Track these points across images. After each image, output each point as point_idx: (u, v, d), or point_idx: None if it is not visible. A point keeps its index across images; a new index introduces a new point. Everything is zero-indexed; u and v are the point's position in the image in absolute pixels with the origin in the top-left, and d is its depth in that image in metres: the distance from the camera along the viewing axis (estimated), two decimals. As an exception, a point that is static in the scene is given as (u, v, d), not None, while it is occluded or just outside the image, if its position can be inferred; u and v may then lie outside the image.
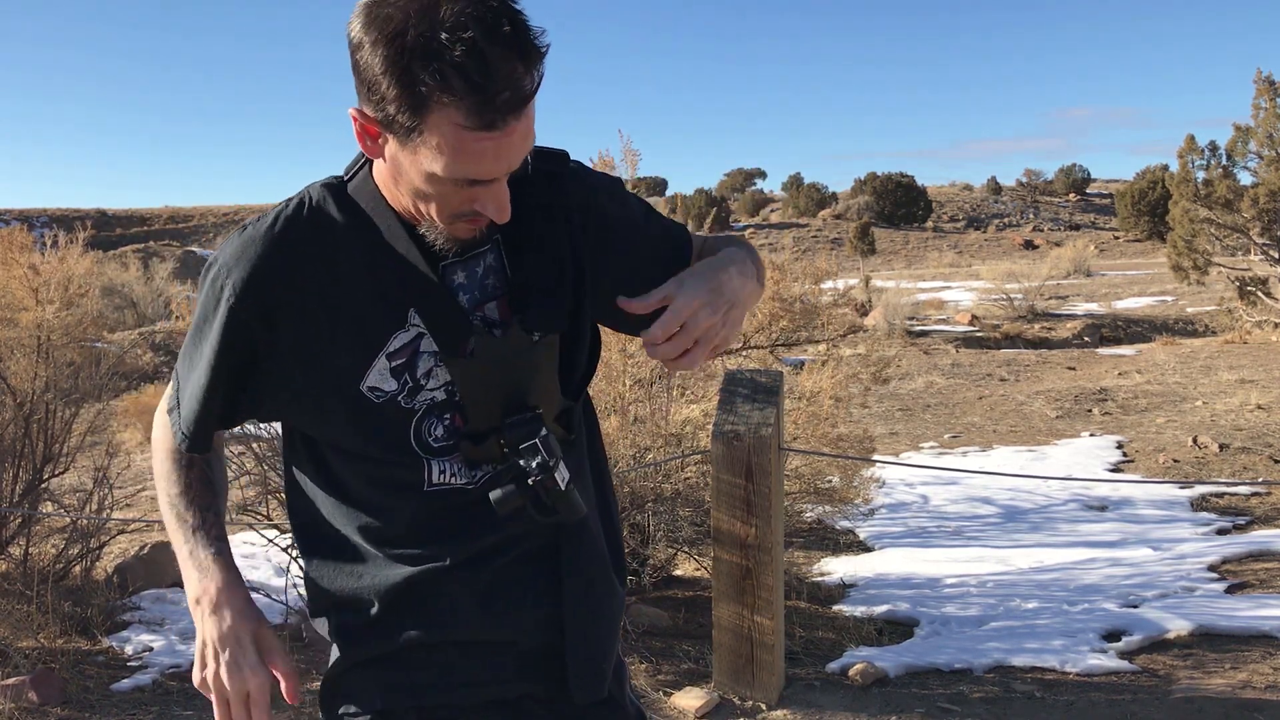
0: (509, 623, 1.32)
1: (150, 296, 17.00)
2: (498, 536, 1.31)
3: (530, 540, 1.33)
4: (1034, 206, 47.91)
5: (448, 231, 1.23)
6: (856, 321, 6.05)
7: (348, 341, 1.25)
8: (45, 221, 34.73)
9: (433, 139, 1.13)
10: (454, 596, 1.31)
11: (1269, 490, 5.99)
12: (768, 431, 3.39)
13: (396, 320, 1.25)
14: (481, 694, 1.34)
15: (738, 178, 54.51)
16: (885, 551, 5.31)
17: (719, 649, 3.55)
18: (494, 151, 1.14)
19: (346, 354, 1.25)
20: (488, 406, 1.26)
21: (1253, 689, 3.50)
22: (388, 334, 1.25)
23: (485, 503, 1.26)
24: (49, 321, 4.72)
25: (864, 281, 16.90)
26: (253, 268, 1.23)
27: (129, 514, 5.19)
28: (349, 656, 1.35)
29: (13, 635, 4.07)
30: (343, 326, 1.25)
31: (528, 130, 1.17)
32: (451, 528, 1.30)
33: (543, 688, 1.36)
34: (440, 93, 1.10)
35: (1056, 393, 9.44)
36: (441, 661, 1.33)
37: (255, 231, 1.26)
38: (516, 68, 1.11)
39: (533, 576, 1.33)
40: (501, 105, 1.11)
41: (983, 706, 3.47)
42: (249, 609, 1.32)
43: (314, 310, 1.24)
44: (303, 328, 1.25)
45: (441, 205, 1.20)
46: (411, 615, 1.31)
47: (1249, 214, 12.89)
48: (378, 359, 1.25)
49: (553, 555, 1.34)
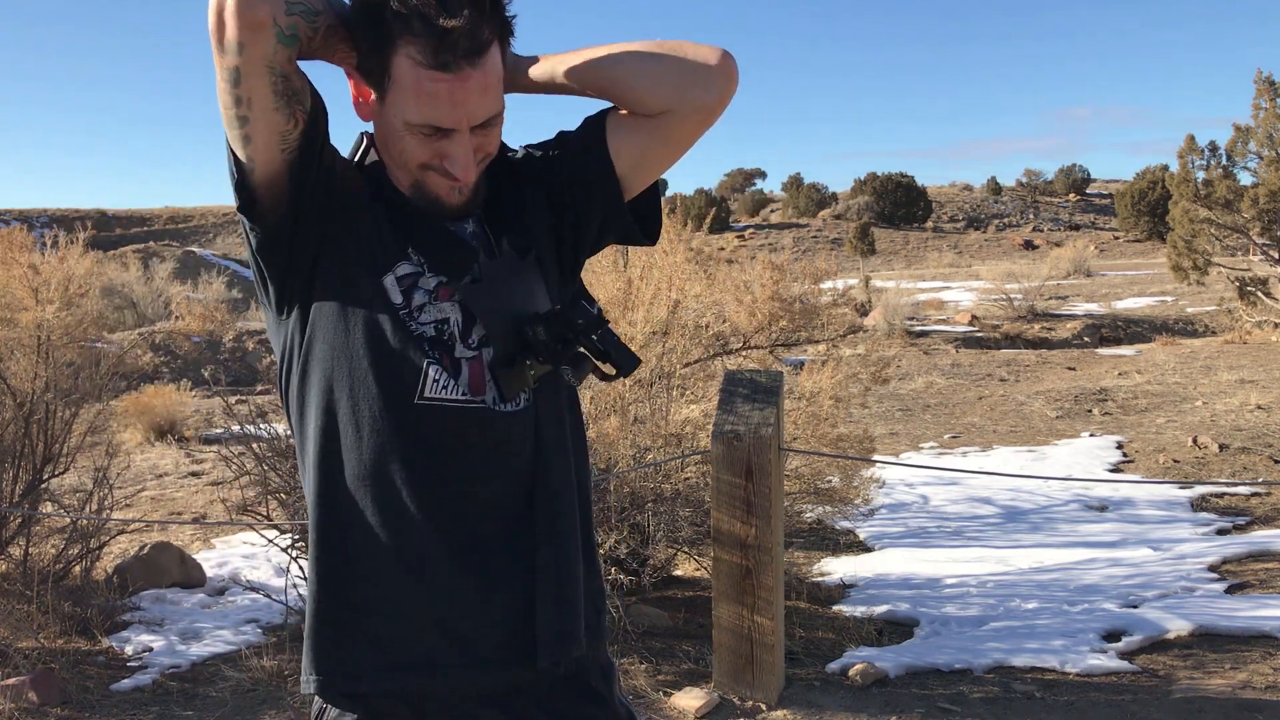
0: (486, 600, 1.35)
1: (150, 296, 16.99)
2: (481, 489, 1.35)
3: (507, 509, 1.36)
4: (1034, 207, 47.90)
5: (424, 183, 1.34)
6: (856, 322, 6.05)
7: (368, 252, 1.36)
8: (45, 221, 34.74)
9: (397, 81, 1.26)
10: (431, 558, 1.34)
11: (1269, 490, 5.99)
12: (768, 431, 3.39)
13: (400, 252, 1.36)
14: (458, 677, 1.35)
15: (738, 178, 54.50)
16: (885, 552, 5.30)
17: (719, 649, 3.55)
18: (449, 95, 1.25)
19: (369, 256, 1.36)
20: (504, 324, 1.36)
21: (1253, 689, 3.50)
22: (394, 260, 1.36)
23: (478, 436, 1.34)
24: (49, 321, 4.72)
25: (864, 282, 16.90)
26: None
27: (129, 514, 5.19)
28: (323, 606, 1.38)
29: (13, 635, 4.07)
30: (365, 239, 1.36)
31: (487, 85, 1.27)
32: (438, 464, 1.34)
33: (525, 677, 1.37)
34: (400, 32, 1.23)
35: (1056, 393, 9.43)
36: (420, 640, 1.34)
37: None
38: (474, 17, 1.24)
39: (510, 550, 1.36)
40: (457, 47, 1.23)
41: (983, 706, 3.47)
42: None
43: (351, 210, 1.36)
44: (345, 216, 1.36)
45: (413, 158, 1.32)
46: (390, 582, 1.34)
47: (1249, 214, 12.89)
48: (386, 275, 1.35)
49: (529, 529, 1.37)
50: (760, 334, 4.94)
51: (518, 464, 1.37)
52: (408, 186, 1.35)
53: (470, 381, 1.34)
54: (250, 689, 3.73)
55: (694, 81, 1.38)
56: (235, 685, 3.76)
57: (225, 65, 1.22)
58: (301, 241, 1.32)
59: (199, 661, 4.00)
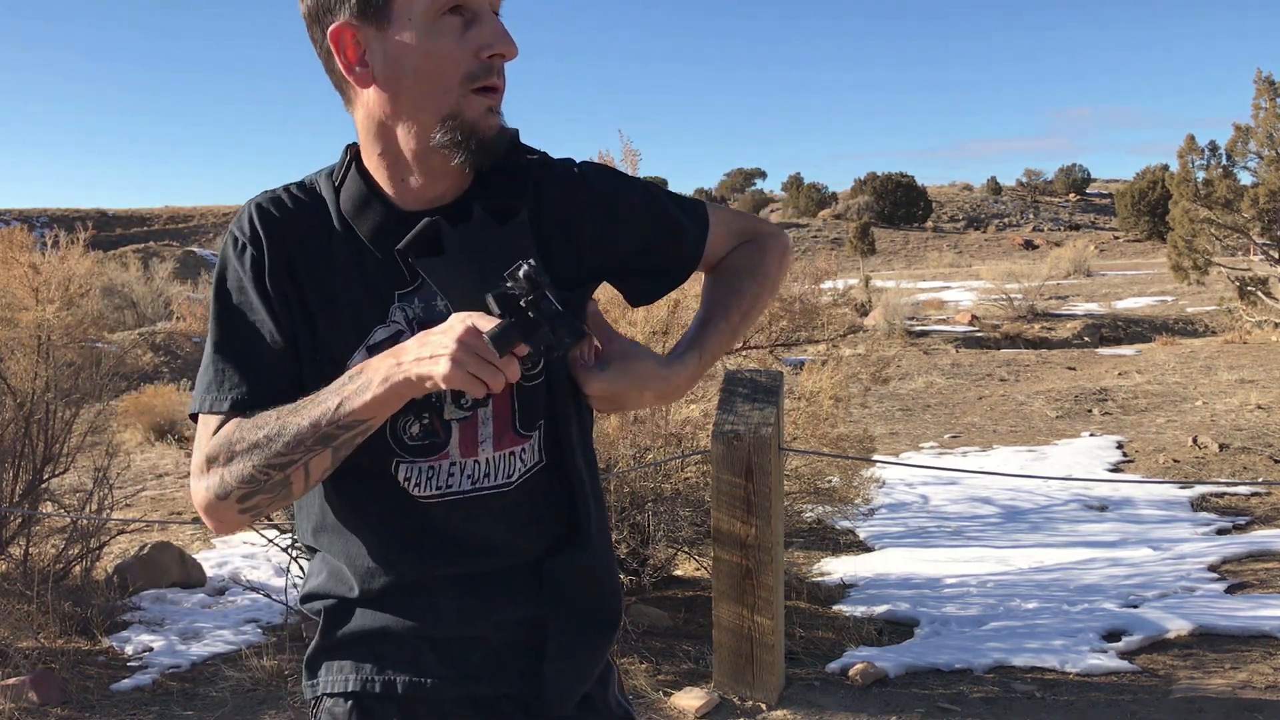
0: (484, 619, 1.31)
1: (150, 296, 17.00)
2: (487, 556, 1.31)
3: (520, 555, 1.32)
4: (1034, 206, 47.92)
5: (467, 118, 1.21)
6: (856, 321, 6.05)
7: (338, 327, 1.26)
8: (45, 221, 34.72)
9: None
10: (437, 596, 1.31)
11: (1269, 490, 5.99)
12: (768, 431, 3.39)
13: (379, 315, 1.25)
14: (452, 689, 1.33)
15: (738, 178, 54.54)
16: (885, 551, 5.31)
17: (719, 649, 3.55)
18: None
19: (336, 339, 1.26)
20: (474, 301, 1.16)
21: (1253, 689, 3.50)
22: (370, 326, 1.25)
23: (474, 519, 1.28)
24: (49, 321, 4.72)
25: (864, 281, 16.91)
26: (269, 227, 1.26)
27: (129, 514, 5.19)
28: (328, 635, 1.35)
29: (13, 635, 4.07)
30: (336, 311, 1.26)
31: None
32: (440, 543, 1.29)
33: (515, 686, 1.34)
34: None
35: (1056, 393, 9.44)
36: (412, 652, 1.32)
37: (264, 198, 1.28)
38: None
39: (514, 578, 1.32)
40: None
41: (983, 706, 3.47)
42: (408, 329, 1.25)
43: (316, 284, 1.26)
44: (310, 297, 1.26)
45: (451, 69, 1.19)
46: (392, 605, 1.31)
47: (1249, 214, 12.90)
48: (358, 350, 1.25)
49: (536, 564, 1.33)
50: (760, 334, 4.94)
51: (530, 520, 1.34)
52: (448, 134, 1.21)
53: (461, 443, 1.27)
54: (250, 689, 3.73)
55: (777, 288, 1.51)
56: (235, 685, 3.76)
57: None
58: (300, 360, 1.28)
59: (199, 661, 4.00)
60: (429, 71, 1.19)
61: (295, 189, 1.30)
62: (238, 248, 1.26)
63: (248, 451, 1.19)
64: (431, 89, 1.20)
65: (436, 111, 1.21)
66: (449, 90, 1.20)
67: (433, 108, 1.21)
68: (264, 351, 1.24)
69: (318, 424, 1.16)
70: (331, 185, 1.29)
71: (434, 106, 1.21)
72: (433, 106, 1.21)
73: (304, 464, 1.19)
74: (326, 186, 1.29)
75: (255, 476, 1.19)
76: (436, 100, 1.20)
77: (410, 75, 1.20)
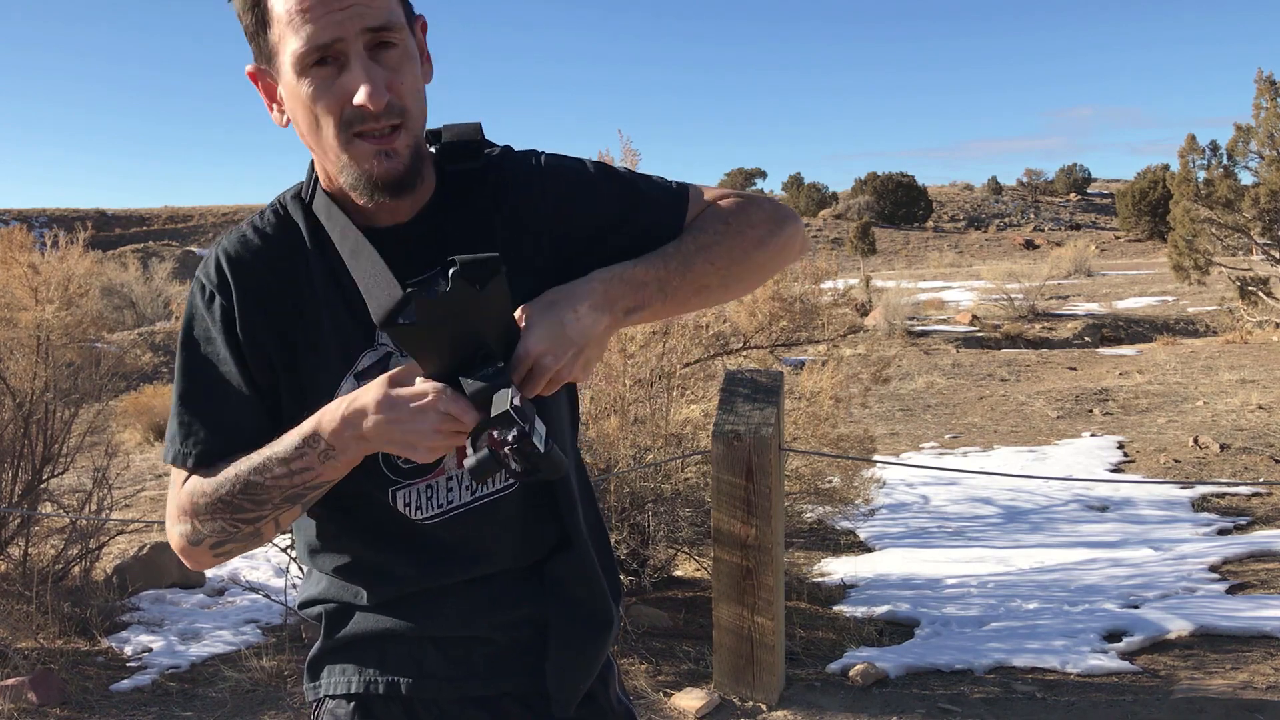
0: (486, 620, 1.33)
1: (150, 296, 17.02)
2: (487, 567, 1.31)
3: (521, 557, 1.33)
4: (1034, 206, 47.92)
5: (355, 161, 1.17)
6: (856, 321, 6.05)
7: (324, 357, 1.24)
8: (45, 221, 34.73)
9: (277, 34, 1.15)
10: (439, 600, 1.32)
11: (1270, 490, 5.98)
12: (768, 431, 3.39)
13: (365, 338, 1.24)
14: (455, 689, 1.34)
15: (738, 178, 54.52)
16: (886, 552, 5.30)
17: (719, 649, 3.54)
18: (321, 5, 1.13)
19: (323, 370, 1.24)
20: (442, 367, 1.12)
21: (1253, 689, 3.50)
22: (357, 352, 1.24)
23: (478, 529, 1.28)
24: (49, 321, 4.71)
25: (864, 281, 16.90)
26: (239, 272, 1.24)
27: (128, 514, 5.18)
28: (330, 638, 1.36)
29: (12, 636, 4.07)
30: (320, 340, 1.24)
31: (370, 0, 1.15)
32: (441, 558, 1.30)
33: (517, 684, 1.35)
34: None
35: (1057, 393, 9.43)
36: (415, 653, 1.33)
37: (231, 241, 1.26)
38: None
39: (515, 578, 1.34)
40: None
41: (983, 707, 3.46)
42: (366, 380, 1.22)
43: (296, 314, 1.24)
44: (291, 332, 1.24)
45: (325, 120, 1.16)
46: (394, 610, 1.32)
47: (1250, 214, 12.88)
48: (346, 379, 1.24)
49: (538, 569, 1.34)
50: (760, 334, 4.93)
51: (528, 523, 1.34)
52: (349, 179, 1.19)
53: (456, 454, 1.22)
54: (250, 689, 3.73)
55: (788, 259, 1.41)
56: (235, 685, 3.76)
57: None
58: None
59: (198, 662, 3.99)
60: (309, 122, 1.18)
61: (259, 222, 1.28)
62: (205, 296, 1.25)
63: (215, 506, 1.21)
64: (317, 138, 1.19)
65: (332, 158, 1.19)
66: (333, 139, 1.17)
67: (329, 154, 1.19)
68: (231, 403, 1.24)
69: (283, 488, 1.18)
70: (300, 204, 1.28)
71: (328, 153, 1.19)
72: (328, 153, 1.19)
73: (273, 519, 1.21)
74: (295, 207, 1.28)
75: (225, 529, 1.22)
76: (325, 147, 1.19)
77: (300, 124, 1.20)
